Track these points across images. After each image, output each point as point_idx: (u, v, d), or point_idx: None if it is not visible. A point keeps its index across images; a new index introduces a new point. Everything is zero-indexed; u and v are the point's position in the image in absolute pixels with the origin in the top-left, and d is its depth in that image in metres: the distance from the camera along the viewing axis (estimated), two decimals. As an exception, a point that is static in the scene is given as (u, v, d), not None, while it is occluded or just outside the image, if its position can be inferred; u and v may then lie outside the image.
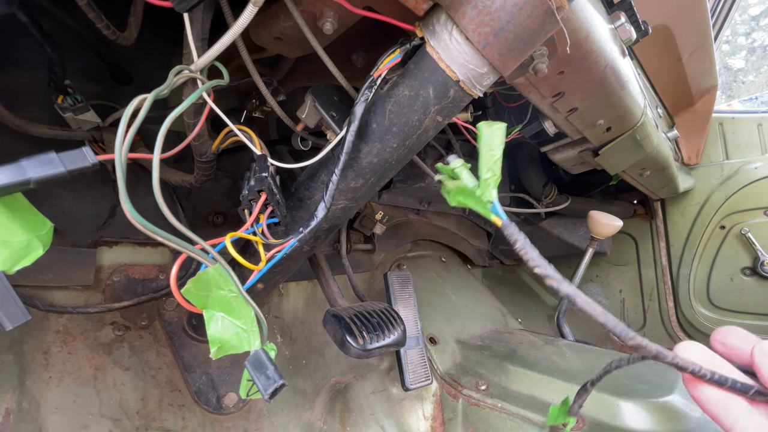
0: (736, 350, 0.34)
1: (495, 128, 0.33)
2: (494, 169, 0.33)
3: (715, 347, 0.35)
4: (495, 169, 0.33)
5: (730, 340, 0.34)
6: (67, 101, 0.69)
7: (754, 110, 1.80)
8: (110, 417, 0.72)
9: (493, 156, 0.33)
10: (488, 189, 0.33)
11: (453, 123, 0.70)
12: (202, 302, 0.43)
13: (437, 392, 1.09)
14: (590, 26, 0.57)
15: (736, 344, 0.34)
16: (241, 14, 0.43)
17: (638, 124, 0.88)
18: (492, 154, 0.33)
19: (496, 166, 0.33)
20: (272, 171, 0.54)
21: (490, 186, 0.33)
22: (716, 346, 0.35)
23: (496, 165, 0.33)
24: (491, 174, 0.33)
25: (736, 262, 1.67)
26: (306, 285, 1.15)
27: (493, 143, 0.34)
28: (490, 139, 0.33)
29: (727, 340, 0.34)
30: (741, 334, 0.34)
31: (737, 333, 0.34)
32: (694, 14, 1.04)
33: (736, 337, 0.34)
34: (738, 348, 0.34)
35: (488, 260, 1.90)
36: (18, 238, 0.38)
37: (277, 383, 0.43)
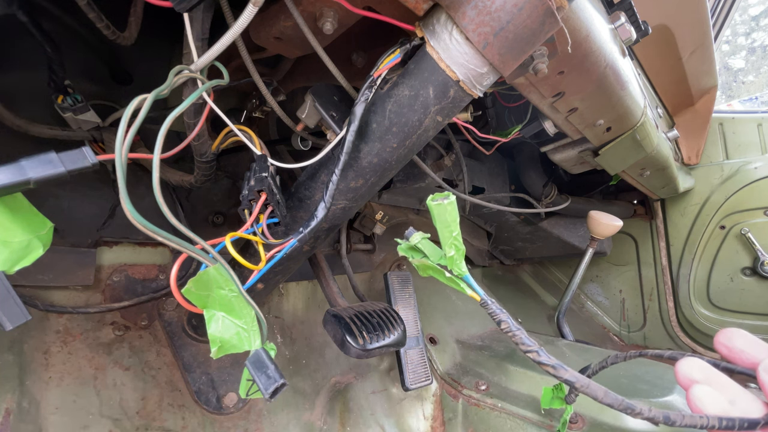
0: (740, 354, 0.34)
1: (445, 204, 0.32)
2: (456, 244, 0.33)
3: (719, 350, 0.35)
4: (457, 244, 0.33)
5: (734, 344, 0.34)
6: (67, 101, 0.69)
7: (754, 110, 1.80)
8: (110, 417, 0.72)
9: (451, 232, 0.33)
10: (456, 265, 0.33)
11: (453, 123, 0.70)
12: (202, 302, 0.43)
13: (437, 392, 1.09)
14: (590, 26, 0.57)
15: (740, 348, 0.34)
16: (241, 14, 0.43)
17: (638, 124, 0.88)
18: (449, 230, 0.33)
19: (457, 241, 0.33)
20: (272, 171, 0.54)
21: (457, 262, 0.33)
22: (720, 348, 0.35)
23: (457, 240, 0.32)
24: (455, 250, 0.32)
25: (736, 262, 1.66)
26: (306, 285, 1.15)
27: (447, 219, 0.32)
28: (443, 215, 0.32)
29: (732, 344, 0.34)
30: (745, 337, 0.34)
31: (741, 336, 0.34)
32: (694, 14, 1.04)
33: (740, 340, 0.34)
34: (742, 352, 0.34)
35: (488, 260, 1.90)
36: (18, 238, 0.38)
37: (278, 382, 0.43)
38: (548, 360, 0.30)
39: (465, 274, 0.33)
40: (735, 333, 0.35)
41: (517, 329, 0.30)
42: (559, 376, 0.29)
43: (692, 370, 0.33)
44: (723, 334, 0.35)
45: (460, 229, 0.33)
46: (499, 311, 0.31)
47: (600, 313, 2.04)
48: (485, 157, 1.34)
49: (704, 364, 0.34)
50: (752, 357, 0.33)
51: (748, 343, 0.34)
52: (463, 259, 0.33)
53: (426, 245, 0.35)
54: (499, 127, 0.97)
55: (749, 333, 0.34)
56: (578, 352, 1.17)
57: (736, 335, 0.35)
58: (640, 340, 1.92)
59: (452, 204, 0.32)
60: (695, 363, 0.34)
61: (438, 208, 0.32)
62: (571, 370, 0.30)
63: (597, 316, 2.04)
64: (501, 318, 0.31)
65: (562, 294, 1.74)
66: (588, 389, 0.29)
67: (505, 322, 0.31)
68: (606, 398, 0.29)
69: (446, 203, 0.32)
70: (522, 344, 0.30)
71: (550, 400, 0.50)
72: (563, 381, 0.29)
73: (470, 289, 0.33)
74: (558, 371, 0.29)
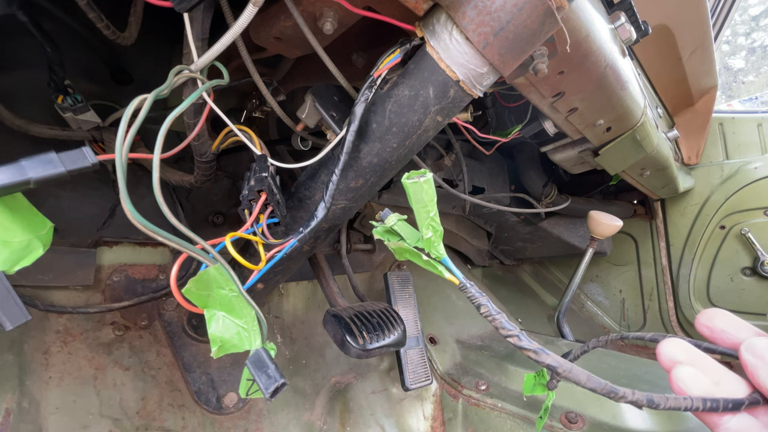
0: (721, 334, 0.34)
1: (421, 182, 0.30)
2: (434, 225, 0.30)
3: (701, 331, 0.35)
4: (434, 225, 0.30)
5: (715, 324, 0.34)
6: (67, 101, 0.69)
7: (754, 110, 1.80)
8: (110, 417, 0.72)
9: (428, 213, 0.30)
10: (434, 247, 0.30)
11: (453, 123, 0.70)
12: (202, 302, 0.43)
13: (437, 392, 1.09)
14: (590, 26, 0.57)
15: (721, 328, 0.34)
16: (241, 14, 0.43)
17: (638, 124, 0.88)
18: (426, 210, 0.30)
19: (434, 221, 0.30)
20: (272, 171, 0.54)
21: (435, 244, 0.30)
22: (702, 329, 0.35)
23: (434, 221, 0.30)
24: (432, 231, 0.30)
25: (736, 262, 1.67)
26: (306, 285, 1.15)
27: (423, 198, 0.30)
28: (419, 194, 0.30)
29: (713, 324, 0.34)
30: (726, 317, 0.34)
31: (722, 316, 0.34)
32: (694, 14, 1.04)
33: (721, 320, 0.34)
34: (723, 332, 0.34)
35: (488, 260, 1.90)
36: (18, 238, 0.38)
37: (278, 382, 0.43)
38: (529, 345, 0.29)
39: (443, 257, 0.31)
40: (716, 313, 0.35)
41: (497, 313, 0.30)
42: (541, 361, 0.29)
43: (675, 351, 0.33)
44: (704, 315, 0.35)
45: (437, 209, 0.31)
46: (478, 295, 0.30)
47: (600, 313, 2.04)
48: (485, 157, 1.34)
49: (687, 344, 0.34)
50: (733, 337, 0.33)
51: (729, 323, 0.34)
52: (441, 240, 0.31)
53: (402, 227, 0.33)
54: (499, 127, 0.97)
55: (730, 313, 0.34)
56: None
57: (717, 315, 0.34)
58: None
59: (428, 182, 0.30)
60: (678, 343, 0.34)
61: (414, 186, 0.30)
62: (554, 354, 0.29)
63: (597, 316, 2.04)
64: (480, 302, 0.30)
65: (562, 294, 1.74)
66: (570, 374, 0.29)
67: (485, 306, 0.30)
68: (589, 383, 0.29)
69: (422, 181, 0.30)
70: (502, 328, 0.29)
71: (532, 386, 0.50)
72: (545, 366, 0.29)
73: (448, 272, 0.31)
74: (540, 356, 0.29)
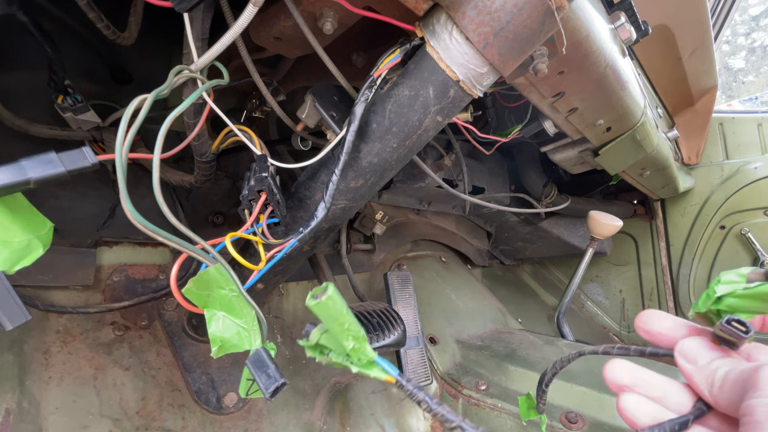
0: (659, 336, 0.34)
1: (324, 300, 0.29)
2: (353, 333, 0.30)
3: (640, 334, 0.35)
4: (354, 332, 0.30)
5: (652, 326, 0.35)
6: (67, 101, 0.69)
7: (754, 110, 1.80)
8: (110, 417, 0.72)
9: (342, 325, 0.30)
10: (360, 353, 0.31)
11: (453, 123, 0.70)
12: (202, 302, 0.43)
13: (437, 392, 1.09)
14: (590, 26, 0.57)
15: (658, 330, 0.34)
16: (241, 14, 0.43)
17: (638, 124, 0.88)
18: (339, 324, 0.30)
19: (352, 329, 0.30)
20: (272, 171, 0.54)
21: (360, 350, 0.31)
22: (640, 333, 0.35)
23: (352, 328, 0.30)
24: (353, 340, 0.30)
25: (736, 262, 1.66)
26: (306, 285, 1.15)
27: (332, 315, 0.30)
28: (326, 313, 0.30)
29: (650, 327, 0.35)
30: (661, 318, 0.34)
31: (658, 318, 0.35)
32: (694, 14, 1.04)
33: (656, 323, 0.34)
34: (660, 334, 0.34)
35: (488, 260, 1.90)
36: (18, 238, 0.38)
37: (279, 382, 0.43)
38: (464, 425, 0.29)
39: (374, 357, 0.31)
40: (652, 315, 0.35)
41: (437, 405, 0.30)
42: None
43: (620, 375, 0.34)
44: (640, 318, 0.35)
45: (352, 316, 0.31)
46: (416, 390, 0.30)
47: (600, 313, 2.04)
48: (485, 157, 1.34)
49: (628, 364, 0.34)
50: (670, 338, 0.33)
51: (664, 324, 0.34)
52: (366, 343, 0.31)
53: (327, 340, 0.32)
54: (499, 127, 0.97)
55: (665, 313, 0.35)
56: (578, 352, 1.17)
57: (653, 317, 0.35)
58: (640, 340, 1.92)
59: (331, 297, 0.29)
60: (619, 366, 0.34)
61: (318, 307, 0.29)
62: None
63: (597, 316, 2.04)
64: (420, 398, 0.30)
65: (562, 294, 1.74)
66: None
67: (424, 402, 0.30)
68: None
69: (324, 299, 0.29)
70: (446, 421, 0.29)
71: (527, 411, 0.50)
72: None
73: (383, 372, 0.31)
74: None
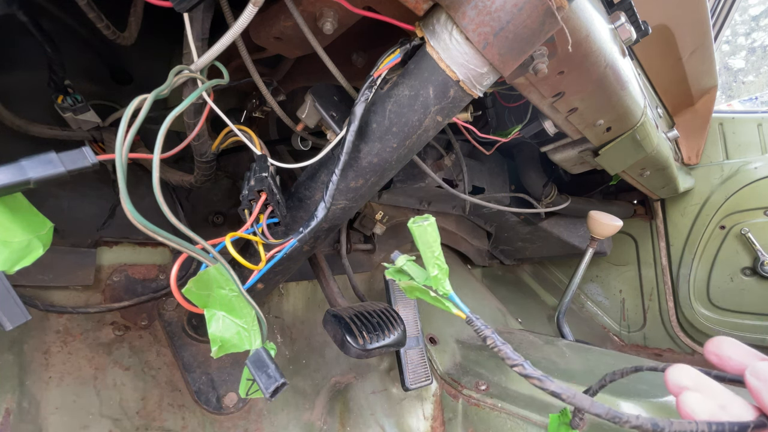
0: (729, 361, 0.35)
1: (425, 225, 0.33)
2: (439, 264, 0.33)
3: (710, 359, 0.36)
4: (440, 263, 0.33)
5: (723, 351, 0.35)
6: (67, 101, 0.69)
7: (754, 110, 1.80)
8: (110, 417, 0.72)
9: (433, 252, 0.33)
10: (440, 284, 0.33)
11: (453, 123, 0.70)
12: (203, 301, 0.43)
13: (437, 392, 1.09)
14: (590, 26, 0.57)
15: (729, 355, 0.35)
16: (241, 14, 0.43)
17: (638, 124, 0.88)
18: (431, 250, 0.33)
19: (439, 260, 0.33)
20: (272, 171, 0.54)
21: (441, 281, 0.33)
22: (710, 357, 0.36)
23: (439, 259, 0.33)
24: (438, 269, 0.33)
25: (736, 262, 1.66)
26: (306, 285, 1.15)
27: (428, 240, 0.33)
28: (423, 237, 0.33)
29: (720, 351, 0.35)
30: (733, 344, 0.35)
31: (729, 344, 0.35)
32: (694, 14, 1.04)
33: (728, 348, 0.35)
34: (730, 359, 0.35)
35: (488, 260, 1.89)
36: (18, 238, 0.38)
37: (279, 382, 0.43)
38: (534, 372, 0.30)
39: (450, 293, 0.34)
40: (723, 341, 0.36)
41: (502, 344, 0.31)
42: (545, 388, 0.29)
43: (682, 378, 0.34)
44: (712, 343, 0.36)
45: (441, 249, 0.34)
46: (484, 327, 0.32)
47: (600, 313, 2.04)
48: (485, 157, 1.34)
49: (694, 371, 0.34)
50: (740, 363, 0.34)
51: (736, 350, 0.35)
52: (447, 277, 0.34)
53: (411, 267, 0.36)
54: (499, 127, 0.97)
55: (736, 340, 0.35)
56: (578, 352, 1.17)
57: (724, 343, 0.35)
58: (640, 340, 1.92)
59: (432, 225, 0.33)
60: (685, 370, 0.34)
61: (419, 229, 0.33)
62: (558, 381, 0.30)
63: (597, 316, 2.04)
64: (486, 334, 0.32)
65: (562, 294, 1.74)
66: (574, 399, 0.29)
67: (491, 338, 0.31)
68: (593, 408, 0.29)
69: (426, 224, 0.33)
70: (507, 358, 0.31)
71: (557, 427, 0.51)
72: (549, 392, 0.29)
73: (456, 308, 0.34)
74: (544, 383, 0.30)
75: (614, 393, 0.90)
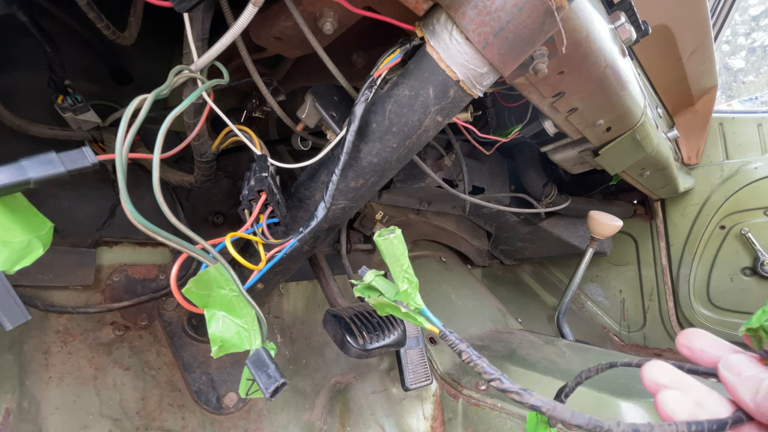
0: (701, 354, 0.35)
1: (391, 239, 0.32)
2: (408, 277, 0.33)
3: (682, 351, 0.36)
4: (408, 276, 0.33)
5: (694, 344, 0.35)
6: (67, 101, 0.69)
7: (754, 110, 1.80)
8: (110, 417, 0.72)
9: (401, 266, 0.33)
10: (410, 298, 0.32)
11: (453, 123, 0.70)
12: (202, 301, 0.43)
13: (437, 392, 1.09)
14: (590, 26, 0.57)
15: (701, 348, 0.35)
16: (241, 14, 0.43)
17: (638, 124, 0.88)
18: (399, 264, 0.33)
19: (408, 273, 0.33)
20: (272, 171, 0.54)
21: (411, 295, 0.32)
22: (682, 350, 0.36)
23: (408, 272, 0.33)
24: (407, 283, 0.32)
25: (736, 262, 1.67)
26: (306, 285, 1.15)
27: (395, 253, 0.32)
28: (390, 250, 0.32)
29: (692, 344, 0.35)
30: (704, 336, 0.35)
31: (701, 336, 0.35)
32: (694, 14, 1.04)
33: (699, 340, 0.35)
34: (702, 351, 0.35)
35: (488, 260, 1.90)
36: (18, 238, 0.38)
37: (279, 382, 0.43)
38: (512, 387, 0.30)
39: (421, 308, 0.33)
40: (695, 333, 0.35)
41: (478, 358, 0.31)
42: (525, 402, 0.29)
43: (658, 375, 0.34)
44: (683, 335, 0.36)
45: (410, 261, 0.33)
46: (458, 342, 0.32)
47: (600, 313, 2.04)
48: (485, 157, 1.34)
49: (669, 366, 0.34)
50: (712, 356, 0.34)
51: (708, 342, 0.35)
52: (417, 291, 0.33)
53: (380, 282, 0.35)
54: (499, 127, 0.97)
55: (708, 332, 0.35)
56: (578, 352, 1.17)
57: (696, 335, 0.35)
58: (640, 340, 1.92)
59: (398, 237, 0.32)
60: (660, 366, 0.34)
61: (385, 242, 0.32)
62: (536, 395, 0.29)
63: (597, 316, 2.04)
64: (461, 348, 0.32)
65: (562, 294, 1.74)
66: (554, 412, 0.29)
67: (466, 353, 0.31)
68: (573, 419, 0.29)
69: (392, 237, 0.32)
70: (484, 373, 0.30)
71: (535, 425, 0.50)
72: (529, 407, 0.29)
73: (428, 322, 0.33)
74: (523, 397, 0.29)
75: (614, 393, 0.90)
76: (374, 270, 0.35)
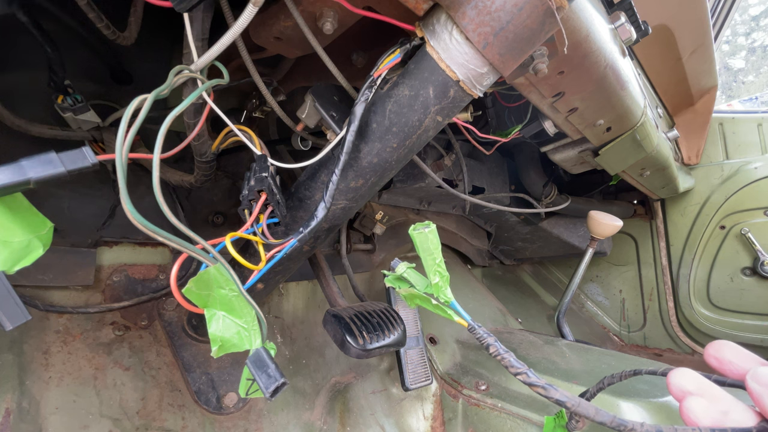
0: (729, 365, 0.35)
1: (426, 232, 0.33)
2: (440, 271, 0.33)
3: (710, 362, 0.36)
4: (441, 270, 0.33)
5: (723, 355, 0.35)
6: (67, 101, 0.69)
7: (754, 110, 1.80)
8: (110, 417, 0.72)
9: (434, 259, 0.33)
10: (441, 292, 0.33)
11: (453, 123, 0.70)
12: (203, 301, 0.43)
13: (437, 392, 1.09)
14: (590, 26, 0.57)
15: (729, 359, 0.35)
16: (241, 14, 0.43)
17: (638, 124, 0.88)
18: (432, 257, 0.33)
19: (440, 267, 0.33)
20: (272, 171, 0.54)
21: (442, 288, 0.33)
22: (710, 360, 0.36)
23: (441, 266, 0.33)
24: (439, 277, 0.33)
25: (736, 262, 1.67)
26: (306, 285, 1.15)
27: (429, 247, 0.33)
28: (425, 243, 0.33)
29: (721, 356, 0.35)
30: (733, 348, 0.35)
31: (729, 348, 0.35)
32: (694, 14, 1.04)
33: (728, 352, 0.35)
34: (731, 363, 0.35)
35: (488, 260, 1.90)
36: (18, 238, 0.38)
37: (279, 381, 0.43)
38: (538, 381, 0.30)
39: (451, 301, 0.34)
40: (723, 345, 0.36)
41: (505, 352, 0.31)
42: (550, 396, 0.29)
43: (685, 382, 0.34)
44: (712, 347, 0.36)
45: (443, 256, 0.34)
46: (486, 335, 0.32)
47: (600, 313, 2.04)
48: (485, 157, 1.34)
49: (696, 375, 0.35)
50: (740, 368, 0.34)
51: (737, 354, 0.35)
52: (448, 285, 0.34)
53: (411, 275, 0.36)
54: (499, 127, 0.97)
55: (737, 344, 0.35)
56: (578, 352, 1.17)
57: (724, 347, 0.35)
58: (640, 340, 1.92)
59: (433, 232, 0.33)
60: (688, 374, 0.34)
61: (420, 236, 0.33)
62: (562, 390, 0.30)
63: (597, 316, 2.04)
64: (489, 342, 0.32)
65: (562, 294, 1.74)
66: (579, 408, 0.29)
67: (494, 346, 0.31)
68: (597, 416, 0.29)
69: (427, 231, 0.33)
70: (511, 367, 0.30)
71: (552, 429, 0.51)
72: (554, 401, 0.29)
73: (457, 315, 0.33)
74: (548, 391, 0.30)
75: (614, 393, 0.90)
76: (406, 262, 0.36)
